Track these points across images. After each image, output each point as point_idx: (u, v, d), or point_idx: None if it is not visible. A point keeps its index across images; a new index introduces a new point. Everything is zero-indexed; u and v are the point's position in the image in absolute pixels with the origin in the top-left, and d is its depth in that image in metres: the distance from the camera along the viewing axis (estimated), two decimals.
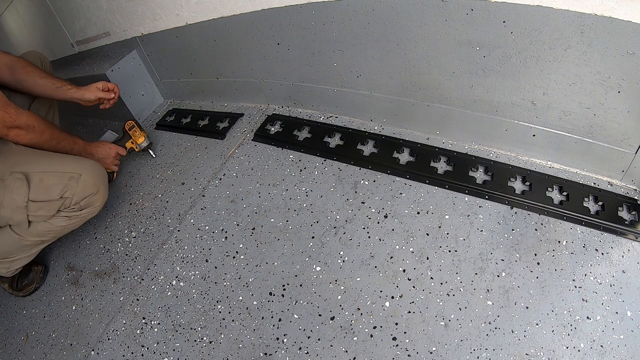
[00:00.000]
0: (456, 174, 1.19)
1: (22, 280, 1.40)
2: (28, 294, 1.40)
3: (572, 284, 0.92)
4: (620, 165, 1.05)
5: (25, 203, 1.17)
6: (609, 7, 0.80)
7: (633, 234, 0.97)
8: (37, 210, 1.19)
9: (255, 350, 1.00)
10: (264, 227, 1.24)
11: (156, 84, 2.00)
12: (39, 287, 1.41)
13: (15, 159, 1.20)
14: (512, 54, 0.98)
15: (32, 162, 1.21)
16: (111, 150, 1.50)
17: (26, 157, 1.22)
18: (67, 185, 1.22)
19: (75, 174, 1.24)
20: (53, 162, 1.23)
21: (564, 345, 0.84)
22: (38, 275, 1.42)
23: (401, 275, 1.02)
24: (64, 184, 1.21)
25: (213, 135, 1.66)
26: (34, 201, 1.18)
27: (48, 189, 1.19)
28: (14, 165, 1.18)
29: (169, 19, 1.58)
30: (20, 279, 1.40)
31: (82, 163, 1.28)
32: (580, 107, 1.00)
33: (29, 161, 1.21)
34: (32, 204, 1.18)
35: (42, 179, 1.19)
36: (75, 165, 1.25)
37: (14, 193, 1.15)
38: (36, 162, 1.21)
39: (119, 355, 1.10)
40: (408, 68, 1.18)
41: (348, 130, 1.43)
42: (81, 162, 1.28)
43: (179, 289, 1.19)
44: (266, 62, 1.49)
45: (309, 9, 1.21)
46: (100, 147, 1.48)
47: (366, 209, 1.19)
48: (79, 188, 1.24)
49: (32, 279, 1.41)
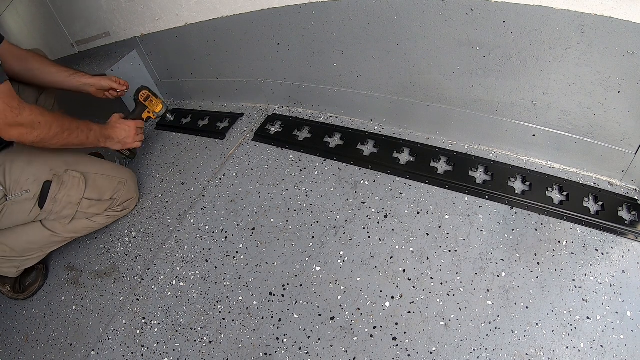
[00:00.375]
0: (456, 174, 1.19)
1: (25, 280, 1.40)
2: (30, 296, 1.40)
3: (572, 284, 0.92)
4: (620, 165, 1.05)
5: (79, 200, 1.26)
6: (609, 7, 0.80)
7: (633, 234, 0.97)
8: (89, 207, 1.30)
9: (255, 350, 1.00)
10: (264, 227, 1.24)
11: (156, 84, 2.00)
12: (41, 286, 1.41)
13: (65, 158, 1.28)
14: (512, 54, 0.98)
15: (83, 162, 1.31)
16: (130, 129, 1.41)
17: (76, 157, 1.31)
18: (117, 188, 1.37)
19: (123, 179, 1.40)
20: (102, 165, 1.36)
21: (564, 345, 0.84)
22: (41, 274, 1.42)
23: (401, 275, 1.02)
24: (114, 186, 1.36)
25: (213, 135, 1.66)
26: (88, 199, 1.28)
27: (101, 190, 1.32)
28: (66, 163, 1.26)
29: (169, 19, 1.58)
30: (24, 279, 1.40)
31: (125, 171, 1.44)
32: (580, 107, 1.00)
33: (80, 161, 1.31)
34: (85, 201, 1.28)
35: (96, 179, 1.31)
36: (121, 172, 1.41)
37: (71, 190, 1.23)
38: (87, 163, 1.32)
39: (119, 355, 1.10)
40: (408, 68, 1.18)
41: (348, 130, 1.43)
42: (124, 170, 1.44)
43: (179, 289, 1.19)
44: (266, 62, 1.49)
45: (309, 9, 1.21)
46: (118, 127, 1.38)
47: (366, 209, 1.19)
48: (124, 191, 1.40)
49: (35, 277, 1.41)
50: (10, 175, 1.15)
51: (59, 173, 1.22)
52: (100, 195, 1.32)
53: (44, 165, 1.20)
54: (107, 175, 1.34)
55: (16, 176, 1.15)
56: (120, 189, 1.38)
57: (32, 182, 1.17)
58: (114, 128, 1.37)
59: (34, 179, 1.17)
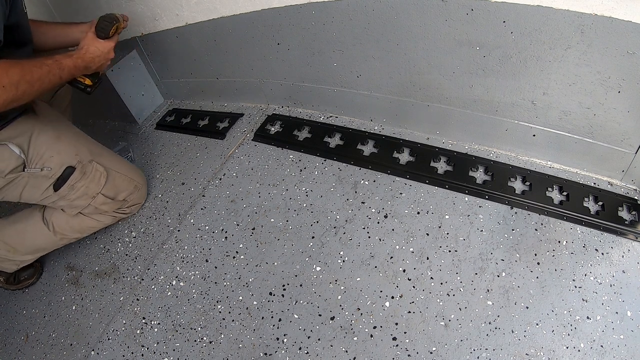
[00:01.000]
0: (456, 174, 1.19)
1: (21, 274, 1.40)
2: (21, 289, 1.41)
3: (572, 284, 0.92)
4: (620, 165, 1.05)
5: (95, 194, 1.25)
6: (609, 7, 0.80)
7: (633, 234, 0.97)
8: (102, 204, 1.28)
9: (255, 350, 1.00)
10: (264, 227, 1.24)
11: (156, 84, 2.00)
12: (34, 283, 1.43)
13: (90, 146, 1.25)
14: (512, 54, 0.98)
15: (106, 156, 1.29)
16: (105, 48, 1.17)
17: (100, 148, 1.29)
18: (131, 191, 1.37)
19: (139, 184, 1.40)
20: (123, 164, 1.35)
21: (564, 345, 0.84)
22: (37, 271, 1.43)
23: (401, 275, 1.02)
24: (130, 189, 1.36)
25: (213, 135, 1.66)
26: (104, 195, 1.27)
27: (118, 189, 1.32)
28: (91, 152, 1.23)
29: (169, 19, 1.58)
30: (20, 273, 1.40)
31: (141, 174, 1.44)
32: (580, 107, 1.00)
33: (104, 153, 1.29)
34: (101, 197, 1.26)
35: (115, 178, 1.30)
36: (138, 175, 1.41)
37: (91, 182, 1.22)
38: (110, 158, 1.30)
39: (119, 355, 1.10)
40: (408, 68, 1.18)
41: (348, 130, 1.43)
42: (140, 173, 1.43)
43: (179, 289, 1.19)
44: (266, 62, 1.49)
45: (309, 9, 1.21)
46: (89, 51, 1.14)
47: (366, 209, 1.19)
48: (136, 196, 1.40)
49: (31, 274, 1.42)
50: (35, 146, 1.08)
51: (84, 161, 1.19)
52: (116, 195, 1.31)
53: (71, 146, 1.16)
54: (127, 177, 1.34)
55: (41, 149, 1.09)
56: (134, 192, 1.38)
57: (56, 162, 1.12)
58: (85, 54, 1.13)
59: (59, 159, 1.13)
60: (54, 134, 1.14)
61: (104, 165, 1.25)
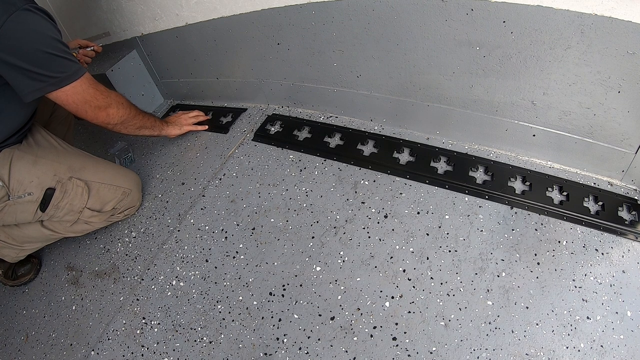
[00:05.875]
0: (456, 174, 1.19)
1: (19, 269, 1.41)
2: (19, 285, 1.42)
3: (572, 284, 0.92)
4: (620, 165, 1.05)
5: (81, 209, 1.26)
6: (609, 7, 0.80)
7: (633, 234, 0.97)
8: (90, 217, 1.30)
9: (255, 350, 1.00)
10: (264, 227, 1.24)
11: (156, 84, 2.00)
12: (32, 279, 1.43)
13: (70, 162, 1.25)
14: (512, 54, 0.98)
15: (87, 168, 1.28)
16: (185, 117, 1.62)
17: (81, 162, 1.28)
18: (120, 199, 1.35)
19: (128, 189, 1.37)
20: (107, 173, 1.32)
21: (564, 345, 0.84)
22: (35, 268, 1.44)
23: (401, 275, 1.02)
24: (118, 198, 1.34)
25: (216, 130, 1.67)
26: (90, 209, 1.27)
27: (104, 201, 1.31)
28: (70, 169, 1.23)
29: (169, 19, 1.58)
30: (18, 268, 1.41)
31: (131, 178, 1.41)
32: (580, 107, 1.00)
33: (85, 166, 1.27)
34: (87, 211, 1.27)
35: (99, 190, 1.29)
36: (126, 180, 1.37)
37: (74, 199, 1.23)
38: (92, 170, 1.28)
39: (119, 355, 1.10)
40: (408, 68, 1.18)
41: (348, 130, 1.43)
42: (130, 177, 1.41)
43: (179, 289, 1.19)
44: (266, 62, 1.49)
45: (309, 9, 1.21)
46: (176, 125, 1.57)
47: (366, 209, 1.19)
48: (127, 201, 1.38)
49: (29, 269, 1.42)
50: (15, 174, 1.12)
51: (63, 180, 1.20)
52: (102, 206, 1.31)
53: (48, 168, 1.18)
54: (112, 185, 1.32)
55: (20, 176, 1.13)
56: (123, 199, 1.36)
57: (36, 186, 1.15)
58: (173, 128, 1.57)
59: (38, 182, 1.15)
60: (31, 158, 1.16)
61: (85, 179, 1.25)
